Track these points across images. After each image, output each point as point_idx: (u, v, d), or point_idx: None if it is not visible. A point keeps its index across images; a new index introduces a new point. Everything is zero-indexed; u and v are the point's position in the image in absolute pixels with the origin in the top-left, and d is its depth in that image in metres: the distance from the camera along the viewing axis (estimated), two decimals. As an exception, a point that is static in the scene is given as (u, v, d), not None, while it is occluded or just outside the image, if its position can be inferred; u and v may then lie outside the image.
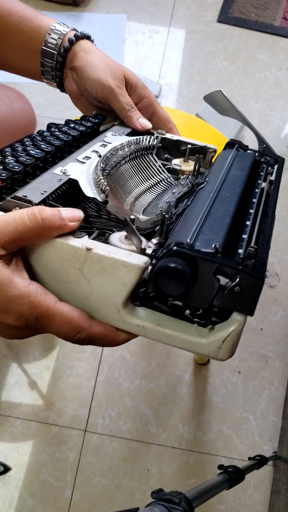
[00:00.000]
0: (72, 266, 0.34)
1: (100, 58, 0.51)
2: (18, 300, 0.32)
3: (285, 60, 1.69)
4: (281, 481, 0.96)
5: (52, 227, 0.33)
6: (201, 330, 0.35)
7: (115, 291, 0.34)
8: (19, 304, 0.32)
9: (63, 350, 1.11)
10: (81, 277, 0.34)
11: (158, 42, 1.70)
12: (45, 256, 0.35)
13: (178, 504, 0.51)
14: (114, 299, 0.34)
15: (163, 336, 0.35)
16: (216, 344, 0.34)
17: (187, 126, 0.75)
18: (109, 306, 0.35)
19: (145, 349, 1.12)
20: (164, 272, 0.31)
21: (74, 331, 0.34)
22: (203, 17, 1.77)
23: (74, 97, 0.55)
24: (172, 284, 0.32)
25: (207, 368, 1.11)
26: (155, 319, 0.35)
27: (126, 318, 0.35)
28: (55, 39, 0.51)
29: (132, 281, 0.33)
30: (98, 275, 0.34)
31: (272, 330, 1.15)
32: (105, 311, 0.35)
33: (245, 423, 1.06)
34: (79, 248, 0.33)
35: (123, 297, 0.34)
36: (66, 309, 0.34)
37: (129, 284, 0.33)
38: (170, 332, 0.35)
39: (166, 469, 1.01)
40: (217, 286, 0.32)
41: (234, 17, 1.77)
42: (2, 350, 1.11)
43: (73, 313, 0.34)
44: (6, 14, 0.50)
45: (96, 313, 0.36)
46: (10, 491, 0.98)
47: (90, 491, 0.98)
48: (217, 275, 0.31)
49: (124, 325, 0.35)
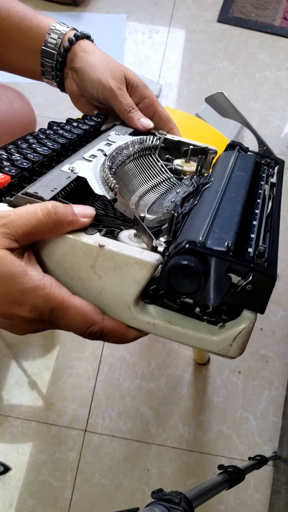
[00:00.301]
0: (84, 263, 0.34)
1: (100, 58, 0.51)
2: (33, 292, 0.32)
3: (285, 60, 1.69)
4: (281, 481, 0.96)
5: (65, 222, 0.33)
6: (211, 327, 0.35)
7: (127, 288, 0.34)
8: (33, 296, 0.32)
9: (63, 350, 1.11)
10: (93, 273, 0.34)
11: (158, 42, 1.70)
12: (57, 252, 0.35)
13: (178, 504, 0.51)
14: (126, 296, 0.34)
15: (174, 333, 0.35)
16: (227, 342, 0.34)
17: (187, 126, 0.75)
18: (120, 303, 0.35)
19: (145, 349, 1.12)
20: (177, 269, 0.31)
21: (87, 324, 0.34)
22: (203, 17, 1.77)
23: (75, 97, 0.55)
24: (184, 281, 0.32)
25: (207, 368, 1.11)
26: (166, 317, 0.35)
27: (137, 315, 0.35)
28: (54, 39, 0.51)
29: (144, 278, 0.33)
30: (110, 272, 0.34)
31: (272, 330, 1.15)
32: (116, 308, 0.35)
33: (245, 423, 1.06)
34: (92, 245, 0.33)
35: (134, 294, 0.34)
36: (79, 302, 0.34)
37: (141, 281, 0.33)
38: (181, 330, 0.35)
39: (166, 469, 1.01)
40: (229, 284, 0.32)
41: (234, 17, 1.77)
42: (2, 350, 1.11)
43: (86, 307, 0.34)
44: (6, 15, 0.50)
45: (107, 309, 0.36)
46: (10, 491, 0.98)
47: (90, 491, 0.98)
48: (229, 273, 0.32)
49: (134, 322, 0.36)
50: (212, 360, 1.11)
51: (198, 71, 1.64)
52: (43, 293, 0.32)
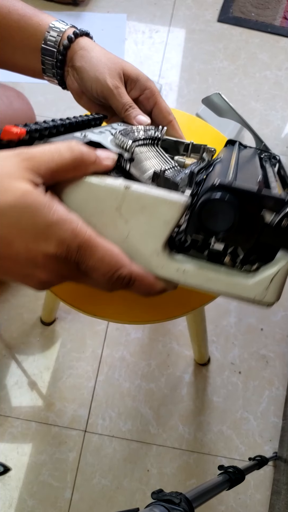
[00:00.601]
0: (109, 206, 0.32)
1: (99, 55, 0.51)
2: (60, 225, 0.30)
3: (285, 60, 1.69)
4: (282, 481, 0.95)
5: (87, 161, 0.32)
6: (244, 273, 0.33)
7: (156, 231, 0.32)
8: (60, 229, 0.30)
9: (63, 351, 1.11)
10: (118, 218, 0.33)
11: (158, 42, 1.70)
12: (79, 196, 0.33)
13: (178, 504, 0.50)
14: (154, 240, 0.33)
15: (205, 280, 0.33)
16: (263, 285, 0.32)
17: (187, 126, 0.74)
18: (147, 248, 0.33)
19: (145, 350, 1.11)
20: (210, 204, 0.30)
21: (116, 265, 0.32)
22: (203, 17, 1.77)
23: (77, 94, 0.55)
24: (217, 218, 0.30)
25: (207, 368, 1.11)
26: (196, 263, 0.33)
27: (166, 262, 0.33)
28: (54, 36, 0.51)
29: (174, 218, 0.32)
30: (137, 214, 0.32)
31: (273, 330, 1.15)
32: (143, 255, 0.33)
33: (245, 423, 1.06)
34: (117, 186, 0.32)
35: (163, 237, 0.32)
36: (107, 243, 0.32)
37: (170, 221, 0.32)
38: (213, 275, 0.33)
39: (166, 470, 1.01)
40: (263, 221, 0.31)
41: (234, 17, 1.77)
42: (2, 350, 1.10)
43: (114, 247, 0.32)
44: (6, 13, 0.50)
45: (133, 258, 0.34)
46: (10, 491, 0.98)
47: (90, 491, 0.98)
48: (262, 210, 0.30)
49: (162, 270, 0.33)
50: (212, 360, 1.11)
51: (198, 71, 1.64)
52: (71, 227, 0.30)
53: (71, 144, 0.32)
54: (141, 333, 1.13)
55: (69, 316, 1.14)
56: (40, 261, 0.30)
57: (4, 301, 1.15)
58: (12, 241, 0.29)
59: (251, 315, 1.16)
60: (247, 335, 1.14)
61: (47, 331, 1.13)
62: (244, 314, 1.16)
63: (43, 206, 0.29)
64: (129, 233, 0.33)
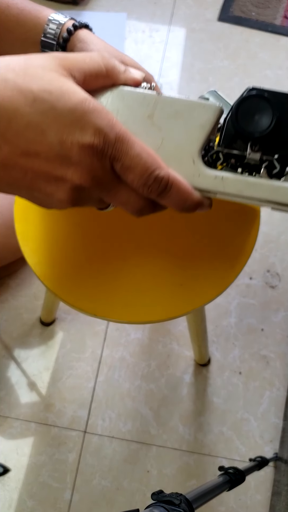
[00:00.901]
0: (141, 114, 0.32)
1: (98, 48, 0.51)
2: (97, 113, 0.28)
3: (286, 59, 1.69)
4: (282, 482, 0.95)
5: (118, 69, 0.32)
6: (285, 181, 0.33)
7: (191, 136, 0.31)
8: (97, 117, 0.28)
9: (62, 351, 1.10)
10: (150, 125, 0.32)
11: (158, 41, 1.70)
12: (110, 105, 0.32)
13: (178, 505, 0.50)
14: (189, 147, 0.31)
15: (245, 185, 0.32)
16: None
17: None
18: (183, 155, 0.32)
19: (145, 350, 1.11)
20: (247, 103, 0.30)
21: (153, 164, 0.30)
22: (203, 16, 1.77)
23: None
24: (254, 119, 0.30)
25: (207, 369, 1.10)
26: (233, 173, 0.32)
27: (202, 169, 0.32)
28: (53, 29, 0.50)
29: (210, 121, 0.31)
30: (171, 120, 0.31)
31: (273, 330, 1.14)
32: (178, 163, 0.32)
33: (245, 424, 1.05)
34: (149, 93, 0.31)
35: (200, 142, 0.31)
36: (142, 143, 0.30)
37: (206, 125, 0.31)
38: (254, 180, 0.31)
39: (166, 471, 1.00)
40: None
41: (234, 16, 1.76)
42: (1, 351, 1.10)
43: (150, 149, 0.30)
44: (5, 7, 0.50)
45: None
46: (9, 492, 0.97)
47: (90, 492, 0.98)
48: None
49: (199, 179, 0.32)
50: (212, 361, 1.11)
51: (198, 70, 1.63)
52: (107, 117, 0.28)
53: (101, 52, 0.32)
54: (141, 334, 1.12)
55: (69, 317, 1.14)
56: (75, 155, 0.28)
57: (3, 301, 1.15)
58: (45, 130, 0.27)
59: (251, 315, 1.15)
60: (247, 335, 1.13)
61: (47, 331, 1.12)
62: (244, 315, 1.15)
63: (79, 93, 0.28)
64: (162, 141, 0.32)
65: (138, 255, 0.57)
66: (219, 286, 0.56)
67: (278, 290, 1.19)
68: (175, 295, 0.55)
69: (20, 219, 0.58)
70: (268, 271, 1.20)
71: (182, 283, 0.56)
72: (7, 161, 0.27)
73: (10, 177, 0.28)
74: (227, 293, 1.16)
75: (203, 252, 0.57)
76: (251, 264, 1.20)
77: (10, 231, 0.96)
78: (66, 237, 0.57)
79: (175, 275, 0.56)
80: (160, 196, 0.31)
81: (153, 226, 0.58)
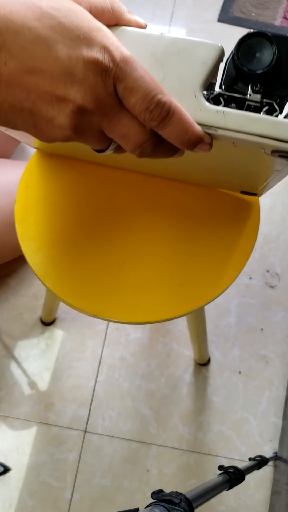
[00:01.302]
0: (143, 52, 0.32)
1: None
2: (104, 33, 0.28)
3: (285, 60, 1.69)
4: (282, 481, 0.95)
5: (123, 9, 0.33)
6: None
7: (193, 72, 0.32)
8: (104, 36, 0.28)
9: (62, 351, 1.11)
10: (153, 61, 0.32)
11: (158, 42, 1.70)
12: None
13: (178, 504, 0.50)
14: (191, 81, 0.32)
15: (247, 120, 0.31)
16: None
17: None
18: (185, 90, 0.32)
19: (145, 350, 1.11)
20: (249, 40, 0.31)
21: (156, 88, 0.29)
22: (203, 17, 1.77)
23: None
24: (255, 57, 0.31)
25: (207, 368, 1.11)
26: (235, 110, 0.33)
27: (204, 103, 0.32)
28: None
29: (211, 58, 0.32)
30: (173, 56, 0.32)
31: (273, 330, 1.15)
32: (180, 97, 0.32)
33: (245, 423, 1.05)
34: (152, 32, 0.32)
35: (201, 77, 0.32)
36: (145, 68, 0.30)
37: (208, 62, 0.32)
38: (255, 115, 0.31)
39: (166, 470, 1.00)
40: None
41: (234, 17, 1.77)
42: (2, 350, 1.10)
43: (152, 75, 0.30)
44: None
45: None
46: (10, 491, 0.98)
47: (90, 491, 0.98)
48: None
49: (201, 113, 0.32)
50: (212, 360, 1.11)
51: (198, 71, 1.64)
52: (113, 39, 0.29)
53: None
54: (141, 333, 1.13)
55: (69, 316, 1.14)
56: (79, 72, 0.27)
57: (4, 301, 1.15)
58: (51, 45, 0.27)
59: (251, 315, 1.16)
60: (247, 335, 1.14)
61: (47, 331, 1.13)
62: (244, 314, 1.16)
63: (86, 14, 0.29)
64: (165, 76, 0.32)
65: (138, 255, 0.57)
66: (219, 286, 0.56)
67: (277, 290, 1.19)
68: (175, 295, 0.56)
69: (21, 220, 0.58)
70: (267, 271, 1.20)
71: (182, 284, 0.56)
72: (11, 79, 0.27)
73: (13, 98, 0.28)
74: (227, 293, 1.16)
75: (203, 252, 0.57)
76: (250, 264, 1.20)
77: (9, 228, 0.95)
78: (66, 237, 0.58)
79: (175, 276, 0.56)
80: (161, 124, 0.30)
81: (153, 226, 0.58)
